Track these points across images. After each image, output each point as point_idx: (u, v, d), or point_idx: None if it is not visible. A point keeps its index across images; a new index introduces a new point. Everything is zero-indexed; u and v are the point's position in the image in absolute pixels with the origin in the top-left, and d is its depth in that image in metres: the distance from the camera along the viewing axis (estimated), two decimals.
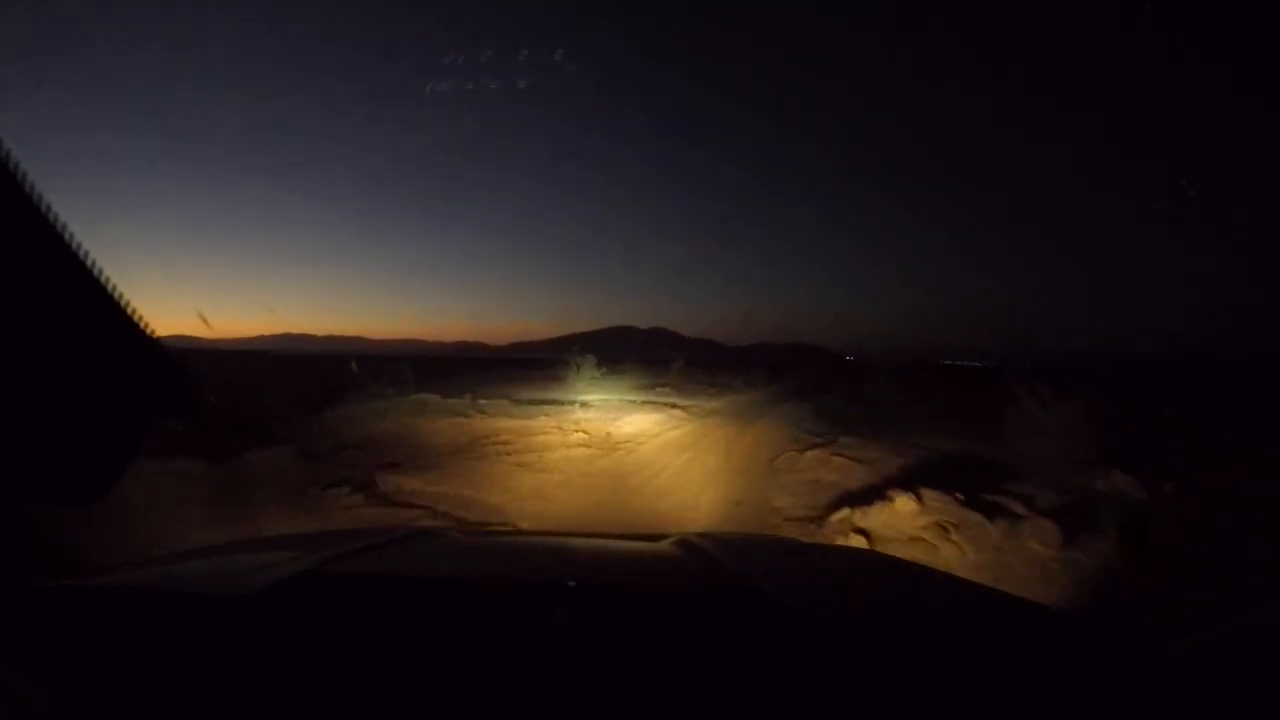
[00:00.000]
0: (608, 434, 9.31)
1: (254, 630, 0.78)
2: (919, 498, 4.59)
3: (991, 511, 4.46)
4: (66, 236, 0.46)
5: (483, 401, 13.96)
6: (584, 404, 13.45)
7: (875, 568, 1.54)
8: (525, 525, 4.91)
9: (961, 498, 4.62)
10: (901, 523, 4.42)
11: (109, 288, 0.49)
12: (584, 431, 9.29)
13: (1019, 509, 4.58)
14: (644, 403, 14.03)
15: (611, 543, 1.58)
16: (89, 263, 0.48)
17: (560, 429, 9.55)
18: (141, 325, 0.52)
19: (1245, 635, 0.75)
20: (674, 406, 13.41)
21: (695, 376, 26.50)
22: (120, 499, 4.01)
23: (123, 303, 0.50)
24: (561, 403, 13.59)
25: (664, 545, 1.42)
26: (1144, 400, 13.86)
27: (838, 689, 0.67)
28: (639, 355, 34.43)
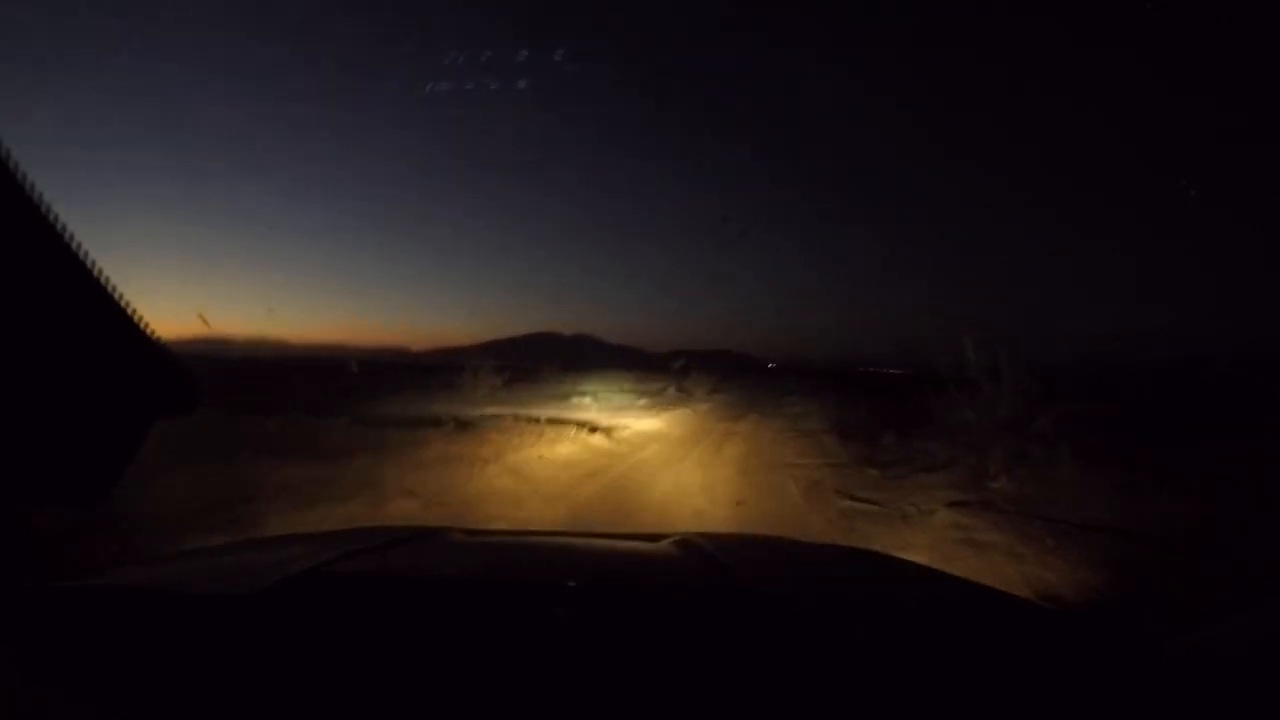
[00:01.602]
0: (464, 496, 5.04)
1: (256, 630, 0.77)
2: None
3: None
4: (66, 237, 0.45)
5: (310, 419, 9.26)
6: (460, 427, 8.99)
7: (876, 567, 1.47)
8: None
9: None
10: None
11: (109, 288, 0.49)
12: (413, 492, 4.93)
13: None
14: (549, 422, 9.65)
15: (611, 543, 1.55)
16: (89, 263, 0.47)
17: (374, 483, 5.14)
18: (141, 325, 0.52)
19: (1245, 635, 0.75)
20: (593, 430, 9.18)
21: (620, 383, 22.84)
22: None
23: (122, 302, 0.50)
24: (424, 425, 9.00)
25: (664, 545, 1.38)
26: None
27: (837, 689, 0.67)
28: (562, 361, 32.45)
